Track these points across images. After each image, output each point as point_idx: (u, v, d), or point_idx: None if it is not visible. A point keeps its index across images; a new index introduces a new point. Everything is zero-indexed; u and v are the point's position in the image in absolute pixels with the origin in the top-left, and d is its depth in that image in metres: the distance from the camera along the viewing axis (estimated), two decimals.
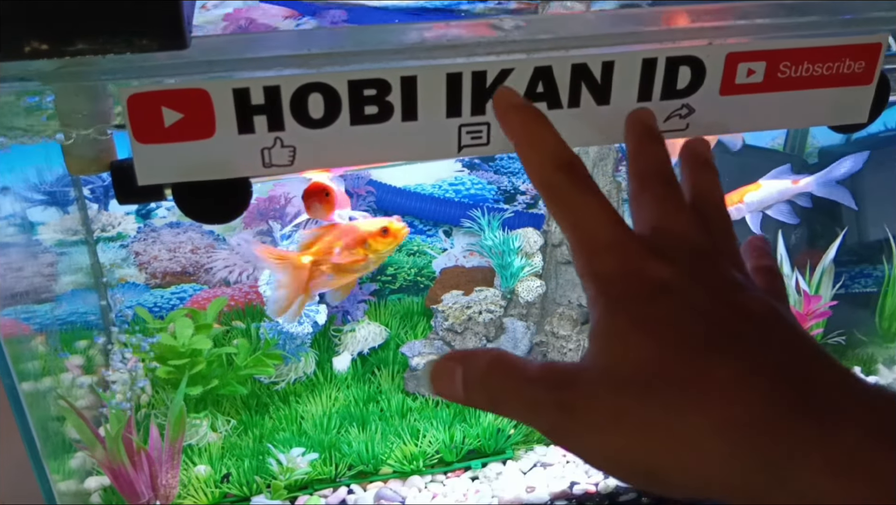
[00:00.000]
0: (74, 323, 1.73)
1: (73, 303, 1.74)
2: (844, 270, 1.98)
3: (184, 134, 0.65)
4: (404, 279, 2.01)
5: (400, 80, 0.66)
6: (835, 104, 0.80)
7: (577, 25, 0.72)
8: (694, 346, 0.45)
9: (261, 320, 1.72)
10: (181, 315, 1.60)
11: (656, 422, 0.44)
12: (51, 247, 1.69)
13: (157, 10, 0.58)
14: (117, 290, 1.87)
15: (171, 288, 1.90)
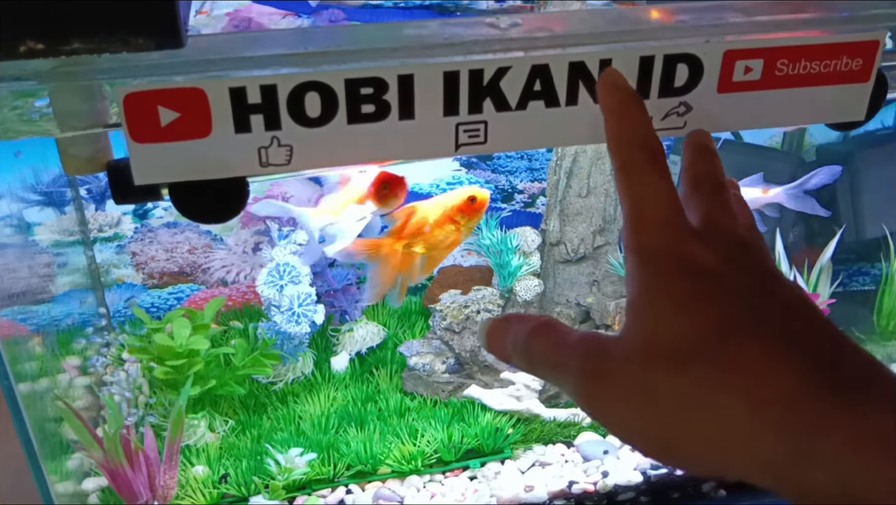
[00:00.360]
0: (71, 324, 1.73)
1: (70, 303, 1.74)
2: (843, 268, 1.99)
3: (180, 133, 0.65)
4: None
5: (397, 78, 0.66)
6: (832, 102, 0.80)
7: (574, 23, 0.72)
8: (728, 325, 0.46)
9: (258, 320, 1.72)
10: (178, 315, 1.60)
11: (685, 395, 0.45)
12: (47, 247, 1.69)
13: (153, 9, 0.58)
14: (114, 290, 1.87)
15: (168, 288, 1.90)
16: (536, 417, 1.59)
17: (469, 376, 1.64)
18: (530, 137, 0.74)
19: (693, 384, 0.45)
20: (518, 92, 0.70)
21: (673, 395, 0.45)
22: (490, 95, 0.69)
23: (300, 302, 1.58)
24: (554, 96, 0.71)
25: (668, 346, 0.47)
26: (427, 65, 0.66)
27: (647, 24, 0.73)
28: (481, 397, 1.58)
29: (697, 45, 0.72)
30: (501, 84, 0.69)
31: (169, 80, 0.63)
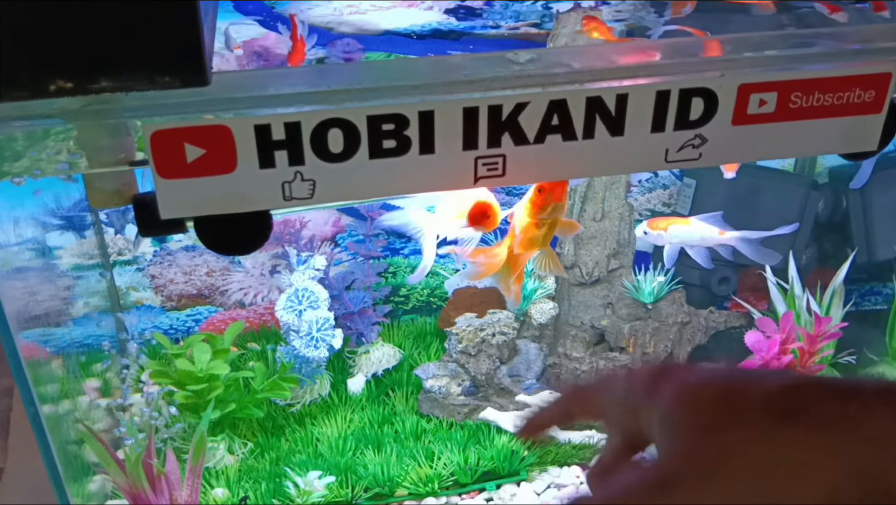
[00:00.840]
0: (91, 346, 1.74)
1: (90, 326, 1.75)
2: (856, 288, 1.99)
3: (206, 169, 0.67)
4: (417, 300, 2.02)
5: (417, 114, 0.68)
6: (845, 133, 0.80)
7: (591, 58, 0.73)
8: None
9: (276, 342, 1.73)
10: (199, 340, 1.61)
11: None
12: (68, 271, 1.71)
13: (179, 47, 0.59)
14: (133, 312, 1.88)
15: (186, 310, 1.92)
16: (552, 440, 1.60)
17: (485, 399, 1.65)
18: (548, 170, 0.75)
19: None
20: (536, 126, 0.71)
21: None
22: (508, 130, 0.71)
23: (318, 327, 1.59)
24: (571, 130, 0.72)
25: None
26: (447, 101, 0.68)
27: (663, 59, 0.74)
28: (497, 420, 1.58)
29: (713, 78, 0.73)
30: (520, 119, 0.70)
31: (195, 117, 0.65)
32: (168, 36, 0.59)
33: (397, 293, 1.98)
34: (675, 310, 1.66)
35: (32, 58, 0.58)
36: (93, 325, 1.76)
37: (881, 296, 2.02)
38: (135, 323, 1.89)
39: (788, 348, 1.49)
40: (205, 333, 1.69)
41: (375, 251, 1.79)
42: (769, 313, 1.69)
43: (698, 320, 1.68)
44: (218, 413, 1.58)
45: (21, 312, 1.37)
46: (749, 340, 1.50)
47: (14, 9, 0.55)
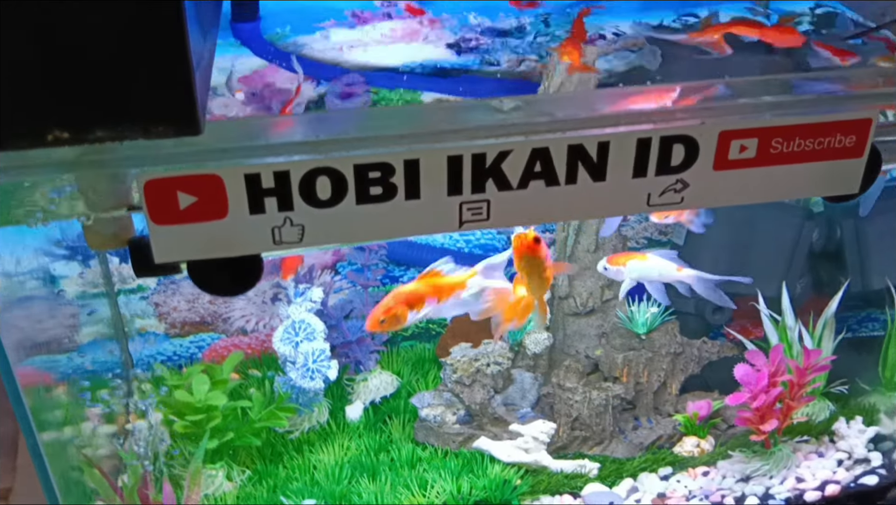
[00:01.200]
0: (96, 372, 1.76)
1: (95, 353, 1.77)
2: (852, 315, 1.99)
3: (198, 215, 0.69)
4: (416, 327, 2.03)
5: (403, 163, 0.70)
6: (827, 176, 0.82)
7: (573, 106, 0.75)
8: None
9: (277, 368, 1.75)
10: (198, 371, 1.63)
11: None
12: (73, 299, 1.73)
13: (172, 98, 0.61)
14: (138, 339, 1.90)
15: (189, 337, 1.93)
16: (544, 469, 1.61)
17: (479, 427, 1.66)
18: (531, 214, 0.77)
19: None
20: (519, 173, 0.73)
21: None
22: (492, 176, 0.73)
23: (314, 358, 1.61)
24: (554, 176, 0.74)
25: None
26: (432, 150, 0.70)
27: (644, 106, 0.76)
28: (490, 449, 1.60)
29: (693, 126, 0.75)
30: (503, 166, 0.72)
31: (187, 166, 0.67)
32: (162, 88, 0.61)
33: None
34: (668, 340, 1.67)
35: (31, 109, 0.60)
36: (98, 352, 1.78)
37: (878, 322, 2.03)
38: (139, 350, 1.91)
39: (778, 381, 1.50)
40: (204, 364, 1.71)
41: (374, 280, 1.81)
42: (763, 343, 1.70)
43: (691, 350, 1.69)
44: (216, 442, 1.60)
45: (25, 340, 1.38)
46: (738, 373, 1.51)
47: (13, 61, 0.57)
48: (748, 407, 1.54)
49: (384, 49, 1.56)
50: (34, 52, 0.58)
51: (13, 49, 0.57)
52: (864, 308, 2.05)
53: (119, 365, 1.85)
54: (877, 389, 1.78)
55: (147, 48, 0.59)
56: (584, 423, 1.63)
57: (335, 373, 1.66)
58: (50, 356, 1.55)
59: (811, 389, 1.63)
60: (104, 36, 0.58)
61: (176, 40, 0.59)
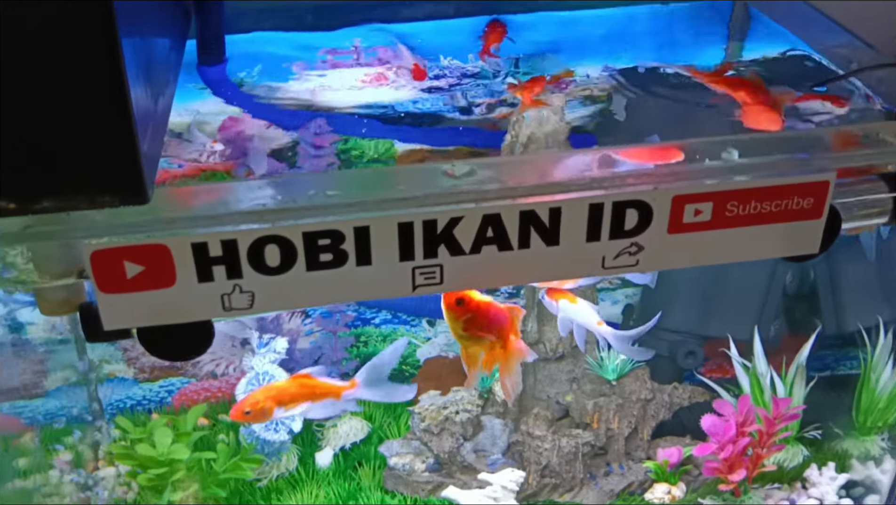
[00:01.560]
0: (64, 417, 1.74)
1: (63, 398, 1.76)
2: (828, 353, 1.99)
3: (145, 284, 0.68)
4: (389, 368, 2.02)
5: (353, 230, 0.69)
6: (785, 237, 0.82)
7: (526, 171, 0.75)
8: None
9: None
10: (161, 424, 1.61)
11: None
12: (39, 345, 1.71)
13: (118, 168, 0.61)
14: (107, 385, 1.88)
15: (159, 382, 1.92)
16: None
17: (448, 475, 1.65)
18: (486, 278, 0.77)
19: None
20: (471, 238, 0.73)
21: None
22: (444, 242, 0.72)
23: None
24: (507, 241, 0.74)
25: None
26: (382, 217, 0.70)
27: (596, 172, 0.76)
28: (458, 498, 1.58)
29: (646, 191, 0.75)
30: (455, 232, 0.72)
31: (135, 236, 0.66)
32: (107, 158, 0.61)
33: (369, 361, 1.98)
34: (638, 386, 1.67)
35: None
36: (65, 398, 1.76)
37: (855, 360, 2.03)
38: (108, 395, 1.89)
39: (746, 431, 1.50)
40: (167, 416, 1.69)
41: (342, 326, 1.80)
42: (734, 388, 1.70)
43: (662, 396, 1.69)
44: (180, 494, 1.58)
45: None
46: (705, 424, 1.51)
47: None
48: (716, 458, 1.53)
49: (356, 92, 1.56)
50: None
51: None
52: (840, 347, 2.05)
53: (87, 411, 1.83)
54: (850, 433, 1.78)
55: (91, 119, 0.58)
56: (554, 470, 1.62)
57: (299, 425, 1.65)
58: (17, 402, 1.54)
59: (782, 437, 1.62)
60: (47, 106, 0.57)
61: (119, 111, 0.59)
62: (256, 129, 1.49)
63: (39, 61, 0.55)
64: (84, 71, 0.56)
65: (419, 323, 1.99)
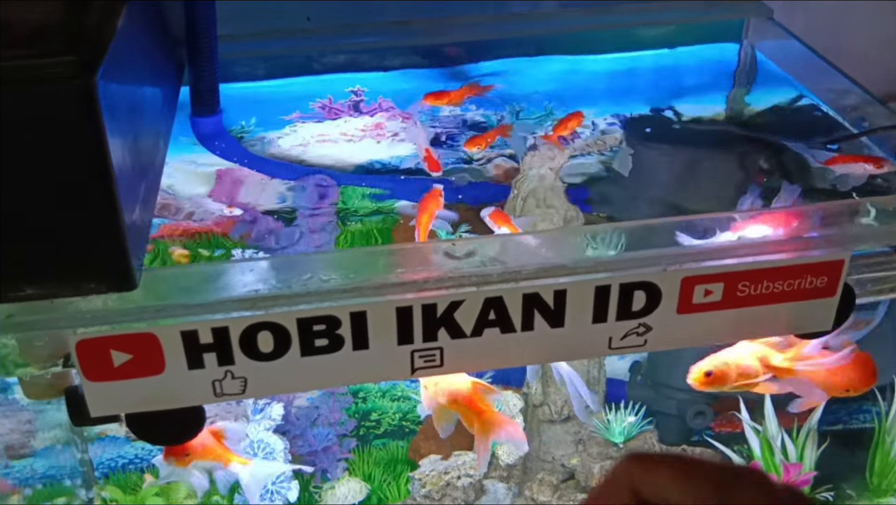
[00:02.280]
0: (53, 477, 1.71)
1: (52, 458, 1.72)
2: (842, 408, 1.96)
3: (133, 372, 0.66)
4: (389, 424, 1.98)
5: (349, 315, 0.67)
6: (798, 316, 0.79)
7: (528, 252, 0.73)
8: None
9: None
10: (151, 494, 1.58)
11: None
12: (27, 404, 1.68)
13: (104, 255, 0.59)
14: (97, 444, 1.85)
15: None
16: None
17: None
18: (487, 360, 0.74)
19: None
20: (472, 322, 0.70)
21: None
22: (444, 326, 0.70)
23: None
24: (509, 324, 0.71)
25: None
26: (379, 303, 0.67)
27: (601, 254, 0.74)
28: None
29: (654, 273, 0.72)
30: (455, 315, 0.69)
31: (121, 325, 0.64)
32: (91, 245, 0.58)
33: (368, 417, 1.95)
34: (646, 448, 1.63)
35: None
36: (55, 457, 1.73)
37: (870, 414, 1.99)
38: (99, 454, 1.85)
39: None
40: (158, 487, 1.66)
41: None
42: (744, 448, 1.66)
43: None
44: None
45: None
46: None
47: None
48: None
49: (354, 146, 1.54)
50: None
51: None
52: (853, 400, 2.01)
53: (78, 471, 1.79)
54: (864, 495, 1.74)
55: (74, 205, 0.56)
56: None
57: (296, 494, 1.61)
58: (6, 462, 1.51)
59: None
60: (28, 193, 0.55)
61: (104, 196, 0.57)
62: (252, 185, 1.46)
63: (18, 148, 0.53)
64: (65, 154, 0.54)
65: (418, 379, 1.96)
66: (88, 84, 0.52)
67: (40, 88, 0.51)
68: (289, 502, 1.62)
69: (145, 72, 0.77)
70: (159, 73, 0.89)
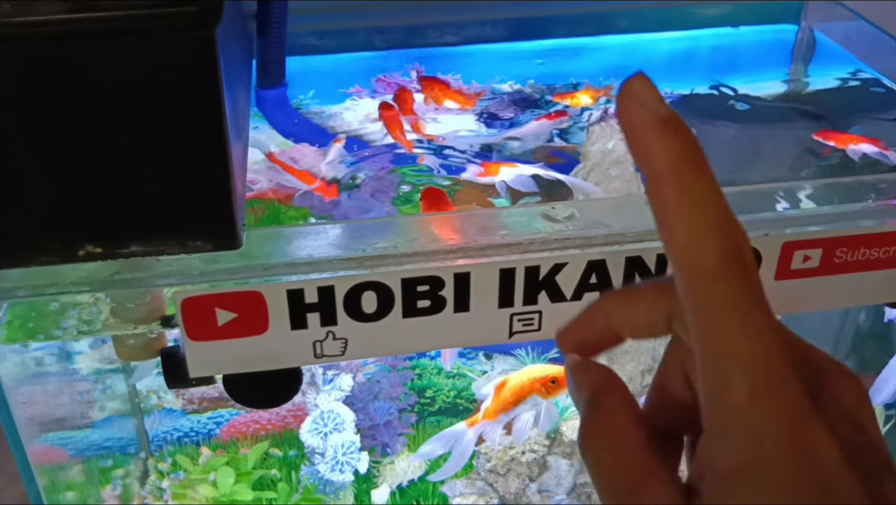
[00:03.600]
0: (111, 449, 1.72)
1: (110, 430, 1.73)
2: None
3: (236, 331, 0.65)
4: (444, 401, 1.98)
5: (453, 276, 0.66)
6: (891, 283, 0.79)
7: (630, 216, 0.71)
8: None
9: (300, 449, 1.70)
10: (222, 462, 1.59)
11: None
12: (87, 375, 1.69)
13: (210, 211, 0.58)
14: (154, 415, 1.86)
15: (207, 413, 1.89)
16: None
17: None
18: None
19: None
20: (574, 285, 0.69)
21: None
22: (545, 289, 0.69)
23: (344, 451, 1.56)
24: (610, 288, 0.70)
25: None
26: (484, 264, 0.66)
27: None
28: None
29: (756, 237, 0.71)
30: (557, 278, 0.69)
31: (227, 283, 0.63)
32: (199, 201, 0.58)
33: (423, 395, 1.95)
34: None
35: (61, 223, 0.57)
36: (113, 428, 1.74)
37: None
38: (155, 426, 1.86)
39: None
40: (228, 456, 1.67)
41: (400, 360, 1.77)
42: None
43: None
44: None
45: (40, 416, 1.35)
46: None
47: (43, 174, 0.54)
48: None
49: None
50: (65, 164, 0.54)
51: (42, 160, 0.54)
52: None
53: (135, 443, 1.80)
54: None
55: (184, 160, 0.56)
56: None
57: (365, 465, 1.61)
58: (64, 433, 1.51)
59: None
60: (137, 147, 0.55)
61: (216, 152, 0.56)
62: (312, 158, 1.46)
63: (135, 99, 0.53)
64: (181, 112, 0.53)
65: (476, 356, 1.96)
66: (209, 35, 0.52)
67: (162, 37, 0.51)
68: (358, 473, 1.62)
69: (238, 38, 0.77)
70: (244, 42, 0.88)
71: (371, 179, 1.28)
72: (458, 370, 1.94)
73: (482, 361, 1.95)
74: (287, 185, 1.27)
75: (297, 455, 1.69)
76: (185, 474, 1.58)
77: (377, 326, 0.67)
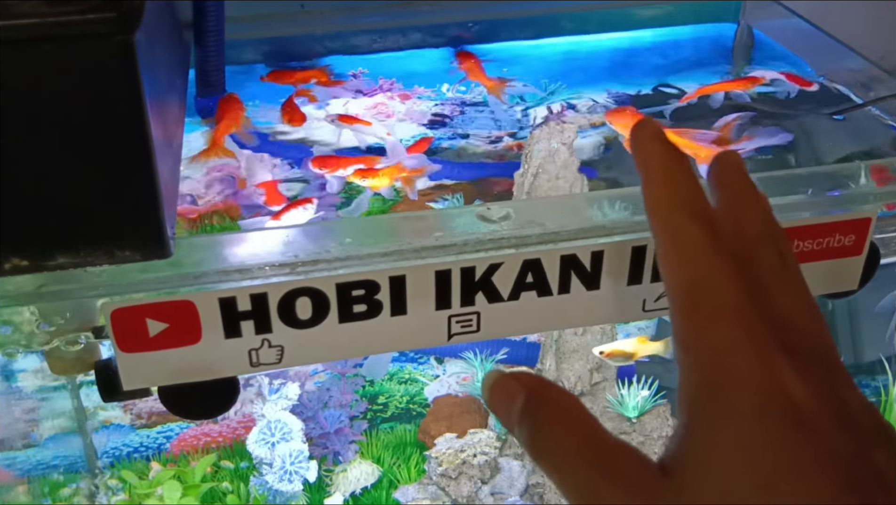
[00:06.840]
0: (58, 467, 1.70)
1: (56, 448, 1.71)
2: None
3: (169, 342, 0.64)
4: (396, 407, 1.98)
5: (388, 280, 0.66)
6: (825, 275, 0.80)
7: (564, 215, 0.72)
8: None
9: (250, 461, 1.69)
10: (169, 476, 1.57)
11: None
12: (32, 393, 1.67)
13: (137, 220, 0.57)
14: (102, 432, 1.83)
15: (157, 427, 1.87)
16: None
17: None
18: (523, 324, 0.73)
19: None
20: (510, 285, 0.69)
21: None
22: (482, 289, 0.69)
23: (292, 460, 1.56)
24: (546, 287, 0.70)
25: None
26: (419, 266, 0.66)
27: (636, 215, 0.73)
28: None
29: None
30: (493, 278, 0.68)
31: (156, 293, 0.62)
32: (126, 211, 0.57)
33: (375, 401, 1.94)
34: (659, 424, 1.63)
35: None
36: (59, 446, 1.71)
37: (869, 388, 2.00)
38: (104, 443, 1.83)
39: None
40: (174, 470, 1.65)
41: (349, 367, 1.76)
42: None
43: None
44: None
45: None
46: None
47: None
48: None
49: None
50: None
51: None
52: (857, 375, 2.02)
53: (83, 460, 1.78)
54: None
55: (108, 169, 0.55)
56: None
57: (314, 474, 1.60)
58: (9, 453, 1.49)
59: None
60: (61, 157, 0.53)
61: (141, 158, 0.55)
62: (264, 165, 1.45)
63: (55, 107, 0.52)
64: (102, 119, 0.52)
65: (426, 360, 1.95)
66: (129, 41, 0.51)
67: (80, 44, 0.50)
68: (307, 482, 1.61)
69: (167, 45, 0.76)
70: (176, 50, 0.87)
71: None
72: (410, 375, 1.94)
73: (434, 365, 1.95)
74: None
75: (248, 467, 1.67)
76: (133, 490, 1.56)
77: (313, 332, 0.67)
